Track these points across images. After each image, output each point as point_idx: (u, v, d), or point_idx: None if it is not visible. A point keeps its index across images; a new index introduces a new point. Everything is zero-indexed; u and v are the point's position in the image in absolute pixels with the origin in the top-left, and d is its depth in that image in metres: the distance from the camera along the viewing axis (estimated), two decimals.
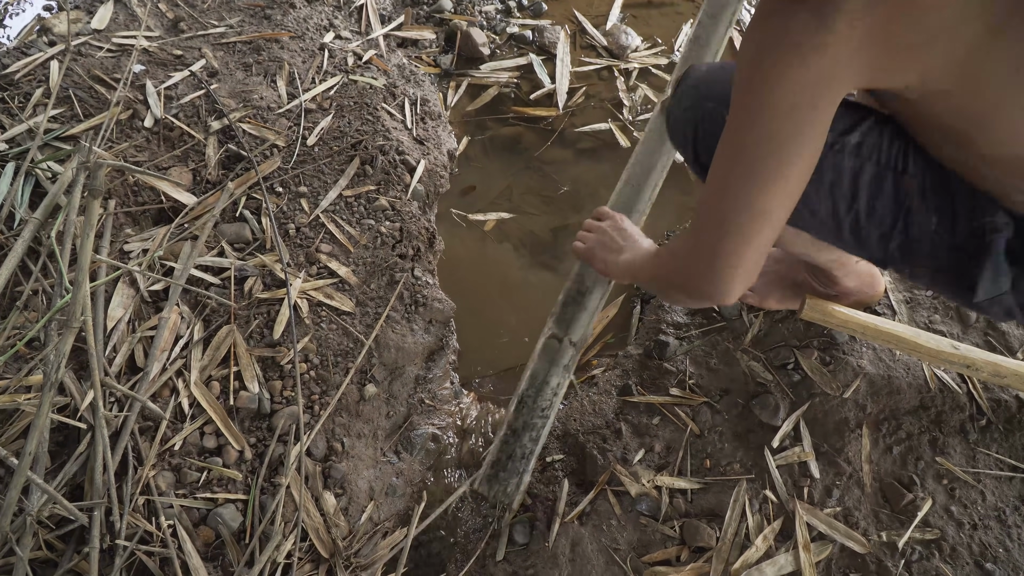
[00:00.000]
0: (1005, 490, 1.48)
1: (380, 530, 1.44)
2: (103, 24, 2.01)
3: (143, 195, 1.69)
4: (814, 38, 0.84)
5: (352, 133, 1.93)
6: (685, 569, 1.37)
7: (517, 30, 2.50)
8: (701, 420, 1.57)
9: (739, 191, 0.95)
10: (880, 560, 1.38)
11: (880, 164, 1.08)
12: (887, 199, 1.09)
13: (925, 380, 1.59)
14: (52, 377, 1.13)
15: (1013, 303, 1.09)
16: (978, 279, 1.04)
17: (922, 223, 1.09)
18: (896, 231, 1.11)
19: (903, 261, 1.15)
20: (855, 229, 1.14)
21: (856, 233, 1.14)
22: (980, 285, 1.04)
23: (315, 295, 1.61)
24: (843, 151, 1.08)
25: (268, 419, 1.45)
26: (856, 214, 1.12)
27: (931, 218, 1.08)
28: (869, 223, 1.12)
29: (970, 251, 1.05)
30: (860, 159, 1.08)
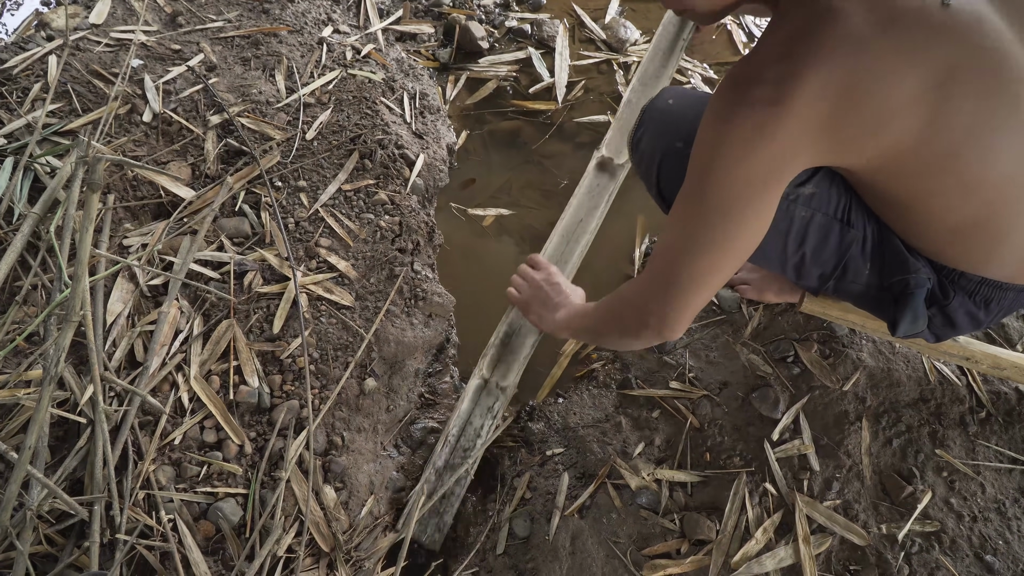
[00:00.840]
0: (1005, 482, 1.48)
1: (380, 524, 1.44)
2: (101, 19, 2.00)
3: (142, 190, 1.69)
4: (767, 129, 0.93)
5: (351, 127, 1.92)
6: (685, 562, 1.37)
7: (516, 24, 2.50)
8: (701, 413, 1.57)
9: (689, 256, 1.06)
10: (880, 552, 1.38)
11: (828, 215, 1.19)
12: (831, 247, 1.22)
13: (925, 373, 1.59)
14: (52, 372, 1.13)
15: (928, 334, 1.27)
16: (899, 320, 1.20)
17: (858, 269, 1.24)
18: (835, 274, 1.26)
19: (835, 292, 1.31)
20: (798, 267, 1.27)
21: (798, 270, 1.28)
22: (900, 326, 1.21)
23: (315, 289, 1.61)
24: (797, 201, 1.18)
25: (268, 413, 1.45)
26: (802, 256, 1.24)
27: (866, 266, 1.23)
28: (813, 264, 1.25)
29: (895, 293, 1.21)
30: (811, 209, 1.18)
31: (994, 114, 0.95)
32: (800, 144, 0.96)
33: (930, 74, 0.91)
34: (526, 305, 1.62)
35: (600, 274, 1.93)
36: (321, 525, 1.36)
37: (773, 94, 0.91)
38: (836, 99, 0.91)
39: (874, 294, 1.27)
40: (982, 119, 0.95)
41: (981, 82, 0.93)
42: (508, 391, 1.59)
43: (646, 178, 1.33)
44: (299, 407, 1.45)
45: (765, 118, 0.93)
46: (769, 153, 0.95)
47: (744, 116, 0.94)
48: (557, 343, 1.79)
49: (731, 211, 1.01)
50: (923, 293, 1.18)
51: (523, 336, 1.66)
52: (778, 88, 0.91)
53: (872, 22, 0.90)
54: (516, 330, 1.68)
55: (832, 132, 0.95)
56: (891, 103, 0.92)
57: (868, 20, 0.90)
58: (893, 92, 0.91)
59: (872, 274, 1.24)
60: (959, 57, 0.92)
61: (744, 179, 0.98)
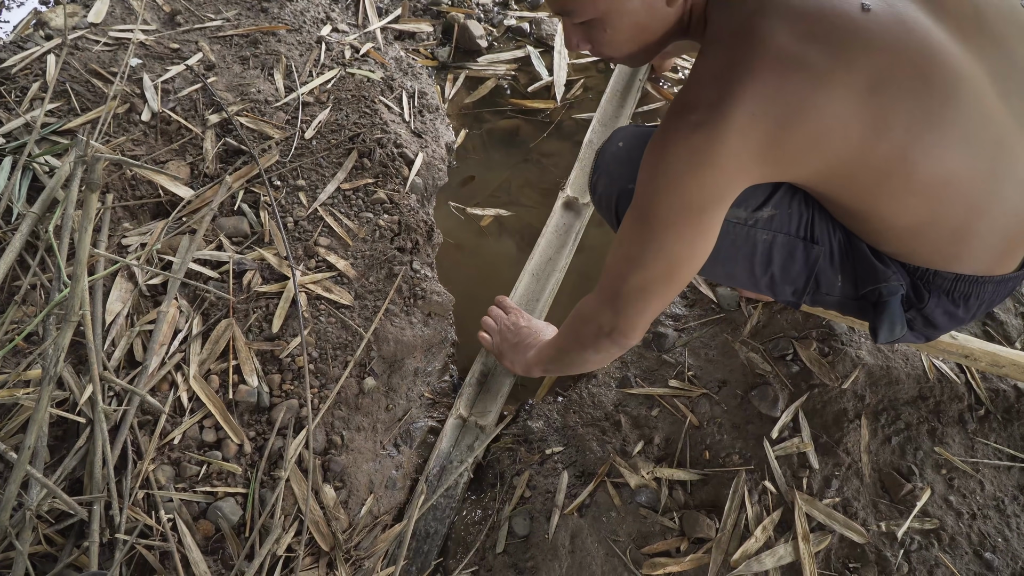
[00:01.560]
0: (1004, 480, 1.48)
1: (380, 523, 1.44)
2: (100, 18, 2.00)
3: (141, 189, 1.69)
4: (703, 154, 0.96)
5: (350, 126, 1.92)
6: (685, 560, 1.37)
7: (514, 22, 2.50)
8: (700, 411, 1.57)
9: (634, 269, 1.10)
10: (879, 550, 1.38)
11: (791, 235, 1.21)
12: (799, 265, 1.24)
13: (924, 370, 1.59)
14: (51, 371, 1.13)
15: (914, 336, 1.28)
16: (878, 328, 1.21)
17: (830, 282, 1.25)
18: (808, 289, 1.27)
19: (813, 304, 1.33)
20: (770, 285, 1.29)
21: (771, 288, 1.30)
22: (879, 333, 1.21)
23: (314, 288, 1.61)
24: (756, 226, 1.20)
25: (267, 413, 1.45)
26: (771, 276, 1.26)
27: (837, 278, 1.24)
28: (783, 282, 1.27)
29: (872, 300, 1.22)
30: (772, 231, 1.21)
31: (931, 111, 0.95)
32: (738, 165, 0.97)
33: (862, 80, 0.92)
34: (498, 351, 1.64)
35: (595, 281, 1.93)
36: (321, 524, 1.36)
37: (707, 117, 0.94)
38: (772, 118, 0.92)
39: (852, 303, 1.28)
40: (920, 118, 0.95)
41: (913, 81, 0.94)
42: (488, 430, 1.61)
43: (607, 219, 1.36)
44: (298, 406, 1.45)
45: (700, 142, 0.95)
46: (705, 177, 0.98)
47: (680, 140, 0.97)
48: None
49: (670, 231, 1.04)
50: (897, 300, 1.18)
51: (499, 375, 1.69)
52: (711, 112, 0.93)
53: (797, 37, 0.91)
54: (491, 369, 1.70)
55: (772, 150, 0.96)
56: (828, 114, 0.93)
57: (793, 36, 0.91)
58: (829, 104, 0.92)
59: (846, 284, 1.25)
60: (887, 60, 0.93)
61: (682, 203, 1.01)
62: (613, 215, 1.32)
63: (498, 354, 1.64)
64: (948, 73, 0.95)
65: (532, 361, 1.52)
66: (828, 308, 1.34)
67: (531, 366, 1.53)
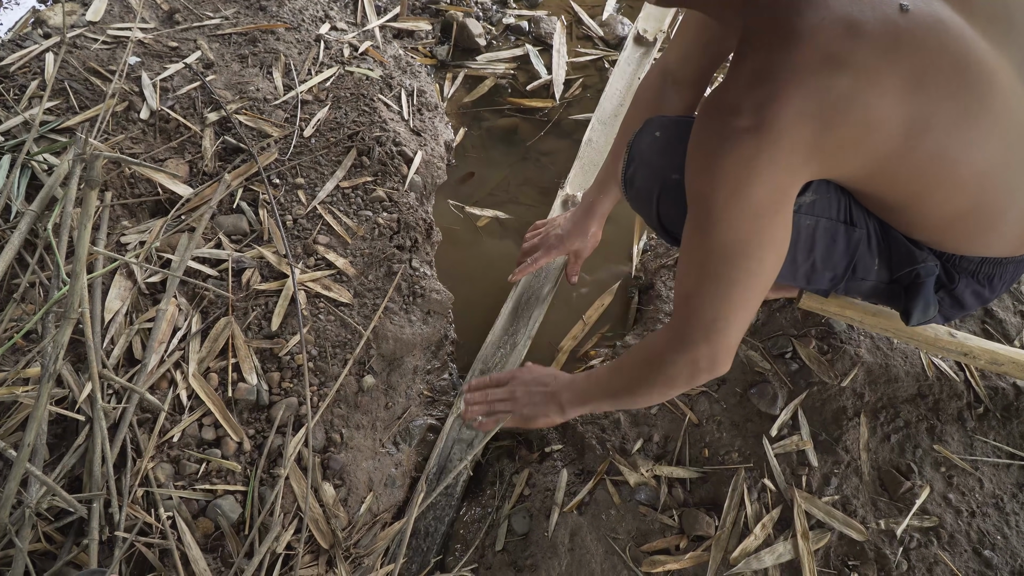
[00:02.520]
0: (1003, 477, 1.48)
1: (379, 521, 1.44)
2: (98, 16, 2.00)
3: (139, 187, 1.69)
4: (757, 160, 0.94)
5: (349, 124, 1.92)
6: (684, 558, 1.38)
7: (513, 21, 2.50)
8: (699, 409, 1.57)
9: (719, 295, 1.06)
10: (879, 547, 1.38)
11: (832, 219, 1.20)
12: (840, 249, 1.23)
13: (923, 368, 1.59)
14: (50, 369, 1.13)
15: (939, 317, 1.30)
16: (912, 310, 1.24)
17: (867, 266, 1.26)
18: (846, 275, 1.28)
19: (845, 292, 1.34)
20: (809, 273, 1.28)
21: (809, 276, 1.29)
22: (913, 315, 1.25)
23: (313, 286, 1.61)
24: (800, 211, 1.18)
25: (267, 410, 1.45)
26: (812, 262, 1.25)
27: (874, 262, 1.25)
28: (824, 269, 1.26)
29: (904, 284, 1.25)
30: (815, 216, 1.19)
31: (969, 109, 0.97)
32: (792, 166, 0.96)
33: (903, 80, 0.92)
34: (523, 417, 1.45)
35: (600, 279, 1.93)
36: (320, 522, 1.36)
37: (754, 122, 0.92)
38: (817, 118, 0.92)
39: (884, 288, 1.29)
40: (959, 116, 0.96)
41: (951, 80, 0.94)
42: None
43: (645, 213, 1.32)
44: (298, 404, 1.45)
45: (751, 149, 0.93)
46: (767, 181, 0.96)
47: (730, 149, 0.94)
48: (554, 341, 1.80)
49: (749, 245, 1.01)
50: (932, 281, 1.21)
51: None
52: (758, 115, 0.91)
53: (839, 35, 0.90)
54: (492, 368, 1.70)
55: (819, 150, 0.95)
56: (871, 114, 0.93)
57: (835, 36, 0.90)
58: (871, 103, 0.92)
59: (881, 269, 1.26)
60: (927, 59, 0.93)
61: (752, 212, 0.98)
62: (653, 209, 1.28)
63: (528, 419, 1.44)
64: (984, 70, 0.97)
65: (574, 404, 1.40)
66: (859, 295, 1.35)
67: (574, 410, 1.41)
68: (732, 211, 0.98)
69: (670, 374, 1.17)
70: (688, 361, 1.13)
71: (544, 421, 1.43)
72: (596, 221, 1.70)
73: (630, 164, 1.30)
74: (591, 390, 1.36)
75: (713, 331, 1.08)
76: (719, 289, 1.05)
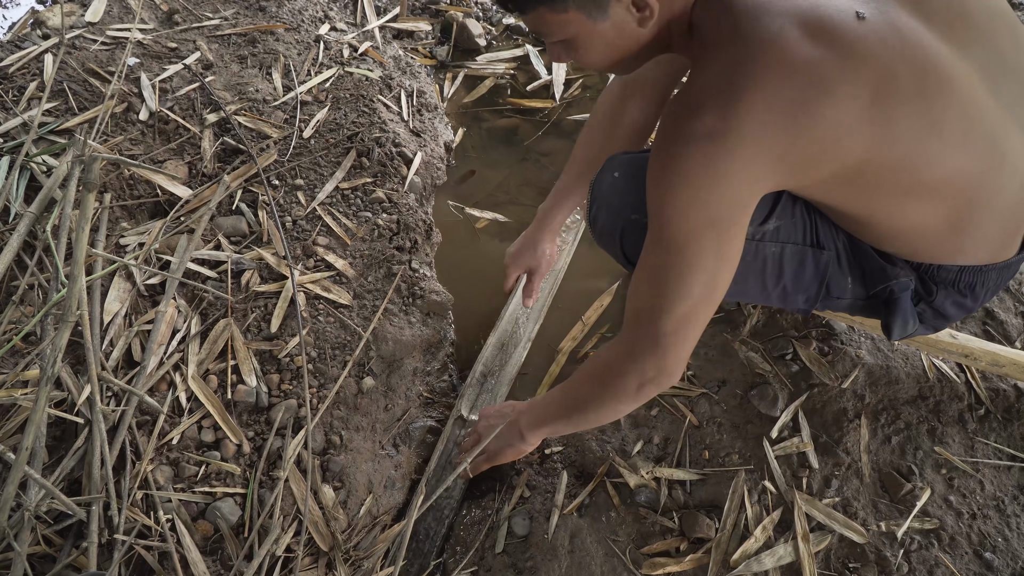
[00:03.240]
0: (1004, 479, 1.48)
1: (379, 523, 1.44)
2: (97, 17, 2.00)
3: (138, 188, 1.68)
4: (718, 164, 0.93)
5: (348, 125, 1.92)
6: (684, 560, 1.37)
7: (513, 21, 2.49)
8: (699, 411, 1.57)
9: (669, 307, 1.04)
10: (879, 550, 1.38)
11: (799, 243, 1.21)
12: (809, 273, 1.23)
13: (923, 370, 1.59)
14: (49, 371, 1.13)
15: (924, 329, 1.29)
16: (892, 325, 1.23)
17: (841, 285, 1.26)
18: (819, 296, 1.27)
19: (823, 309, 1.33)
20: (782, 296, 1.28)
21: (783, 299, 1.29)
22: (893, 330, 1.24)
23: (312, 288, 1.61)
24: (764, 239, 1.19)
25: (266, 412, 1.45)
26: (783, 287, 1.25)
27: (847, 281, 1.25)
28: (795, 291, 1.26)
29: (883, 298, 1.24)
30: (780, 243, 1.20)
31: (931, 117, 0.96)
32: (753, 172, 0.95)
33: (865, 91, 0.92)
34: (487, 456, 1.45)
35: (599, 281, 1.93)
36: (320, 524, 1.36)
37: (717, 125, 0.91)
38: (782, 123, 0.91)
39: (863, 303, 1.28)
40: (922, 125, 0.96)
41: (912, 89, 0.94)
42: None
43: (611, 252, 1.32)
44: (297, 406, 1.45)
45: (714, 152, 0.92)
46: (725, 188, 0.95)
47: (693, 153, 0.93)
48: (553, 342, 1.79)
49: (702, 251, 1.00)
50: (907, 296, 1.21)
51: (501, 378, 1.68)
52: (721, 119, 0.91)
53: (800, 43, 0.90)
54: (491, 370, 1.69)
55: (783, 156, 0.95)
56: (836, 120, 0.92)
57: (796, 45, 0.90)
58: (835, 114, 0.91)
59: (856, 286, 1.25)
60: (887, 70, 0.92)
61: (707, 218, 0.97)
62: (618, 248, 1.28)
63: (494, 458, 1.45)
64: (943, 76, 0.96)
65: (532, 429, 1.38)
66: (839, 311, 1.33)
67: (535, 435, 1.40)
68: (688, 219, 0.98)
69: (618, 387, 1.15)
70: (636, 373, 1.12)
71: (511, 452, 1.43)
72: (547, 236, 1.65)
73: (592, 204, 1.31)
74: (546, 411, 1.35)
75: (662, 345, 1.07)
76: (670, 302, 1.04)
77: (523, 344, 1.73)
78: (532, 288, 1.69)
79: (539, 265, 1.67)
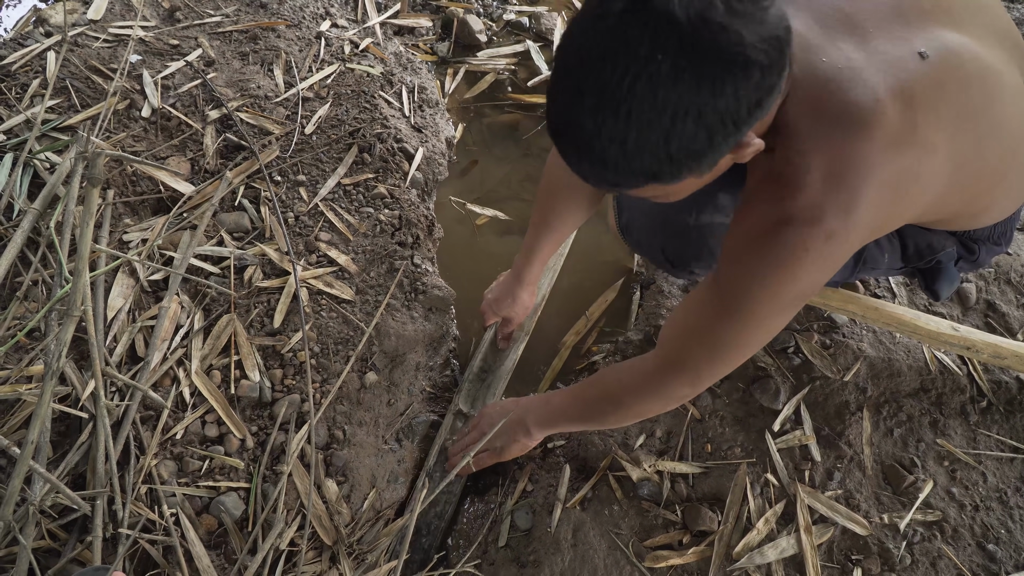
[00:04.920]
0: (1006, 471, 1.48)
1: (382, 517, 1.44)
2: (99, 14, 2.00)
3: (141, 185, 1.69)
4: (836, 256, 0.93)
5: (350, 121, 1.92)
6: (687, 553, 1.38)
7: (514, 17, 2.49)
8: (702, 405, 1.57)
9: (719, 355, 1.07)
10: (882, 542, 1.38)
11: None
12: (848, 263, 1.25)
13: (925, 362, 1.59)
14: (53, 367, 1.13)
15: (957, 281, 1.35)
16: (938, 290, 1.30)
17: (876, 258, 1.29)
18: (856, 270, 1.31)
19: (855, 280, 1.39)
20: None
21: None
22: (941, 293, 1.31)
23: (315, 283, 1.61)
24: None
25: (269, 407, 1.45)
26: None
27: (883, 255, 1.28)
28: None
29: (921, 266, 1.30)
30: None
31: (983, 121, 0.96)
32: (858, 246, 0.96)
33: (948, 133, 0.91)
34: (493, 453, 1.46)
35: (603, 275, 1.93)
36: (323, 518, 1.36)
37: (838, 227, 0.89)
38: (890, 203, 0.91)
39: (897, 270, 1.34)
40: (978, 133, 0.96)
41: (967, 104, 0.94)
42: None
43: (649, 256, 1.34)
44: (300, 401, 1.45)
45: (834, 250, 0.91)
46: (832, 270, 0.96)
47: (813, 251, 0.90)
48: (555, 338, 1.80)
49: (773, 320, 1.02)
50: (952, 262, 1.27)
51: (498, 373, 1.68)
52: (845, 219, 0.89)
53: (901, 113, 0.87)
54: (490, 367, 1.69)
55: (885, 224, 0.98)
56: (929, 178, 0.92)
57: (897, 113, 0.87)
58: (933, 167, 0.91)
59: (893, 259, 1.29)
60: (958, 101, 0.92)
61: (791, 296, 0.98)
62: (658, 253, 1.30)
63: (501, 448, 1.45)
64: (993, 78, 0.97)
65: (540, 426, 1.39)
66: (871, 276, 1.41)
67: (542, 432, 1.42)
68: (777, 298, 0.97)
69: (647, 410, 1.22)
70: (667, 402, 1.17)
71: (517, 448, 1.44)
72: (526, 288, 1.62)
73: (622, 213, 1.30)
74: (560, 415, 1.36)
75: (698, 384, 1.12)
76: (723, 356, 1.06)
77: (521, 339, 1.73)
78: (507, 333, 1.70)
79: (516, 314, 1.66)
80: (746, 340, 1.03)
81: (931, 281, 1.29)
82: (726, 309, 1.01)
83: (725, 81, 0.70)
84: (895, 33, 0.92)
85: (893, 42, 0.91)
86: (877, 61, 0.89)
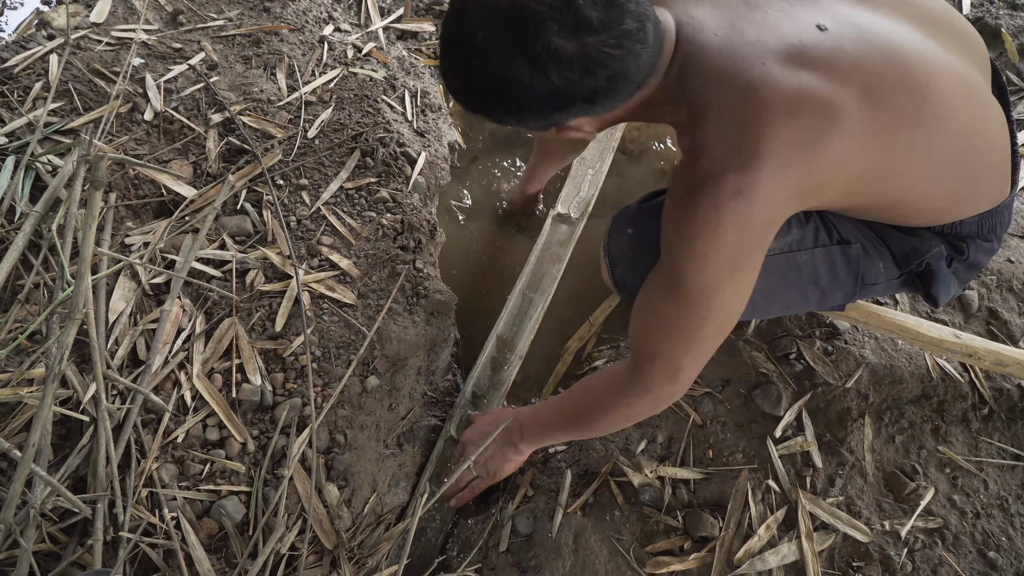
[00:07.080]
0: (1008, 479, 1.48)
1: (383, 521, 1.44)
2: (102, 17, 2.00)
3: (144, 188, 1.69)
4: (748, 217, 0.96)
5: (352, 125, 1.92)
6: (688, 559, 1.37)
7: None
8: (703, 410, 1.57)
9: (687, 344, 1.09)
10: (883, 549, 1.38)
11: (825, 244, 1.25)
12: (842, 269, 1.27)
13: (927, 369, 1.59)
14: (54, 370, 1.13)
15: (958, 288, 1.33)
16: (936, 295, 1.29)
17: (873, 271, 1.29)
18: (857, 288, 1.30)
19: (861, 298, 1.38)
20: (820, 299, 1.32)
21: (821, 301, 1.33)
22: (939, 298, 1.30)
23: (317, 287, 1.61)
24: (792, 250, 1.23)
25: (270, 411, 1.45)
26: (821, 290, 1.29)
27: (879, 266, 1.29)
28: (832, 291, 1.30)
29: (917, 273, 1.30)
30: (807, 249, 1.24)
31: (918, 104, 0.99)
32: (776, 210, 0.98)
33: (855, 98, 0.94)
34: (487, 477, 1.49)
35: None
36: (324, 523, 1.36)
37: (744, 180, 0.93)
38: (798, 157, 0.93)
39: (897, 282, 1.32)
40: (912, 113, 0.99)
41: (894, 81, 0.97)
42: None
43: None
44: (301, 405, 1.45)
45: (744, 207, 0.94)
46: (750, 234, 0.98)
47: (724, 210, 0.95)
48: (559, 341, 1.80)
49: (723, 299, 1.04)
50: (943, 263, 1.25)
51: (491, 398, 1.67)
52: (746, 173, 0.93)
53: (789, 76, 0.92)
54: (483, 391, 1.69)
55: (805, 190, 0.98)
56: (842, 140, 0.95)
57: (785, 76, 0.92)
58: (841, 130, 0.94)
59: (888, 268, 1.29)
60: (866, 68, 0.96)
61: (730, 263, 1.00)
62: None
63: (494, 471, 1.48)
64: (916, 58, 0.99)
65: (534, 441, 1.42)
66: (874, 296, 1.38)
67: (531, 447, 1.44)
68: (714, 267, 1.00)
69: (633, 414, 1.22)
70: (653, 402, 1.18)
71: (511, 466, 1.48)
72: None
73: (614, 268, 1.33)
74: (548, 423, 1.37)
75: (680, 379, 1.13)
76: (689, 344, 1.08)
77: (513, 363, 1.71)
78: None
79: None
80: (702, 318, 1.04)
81: (928, 286, 1.29)
82: (672, 289, 1.05)
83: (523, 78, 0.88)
84: (794, 10, 0.99)
85: (789, 16, 0.98)
86: (767, 32, 0.96)
